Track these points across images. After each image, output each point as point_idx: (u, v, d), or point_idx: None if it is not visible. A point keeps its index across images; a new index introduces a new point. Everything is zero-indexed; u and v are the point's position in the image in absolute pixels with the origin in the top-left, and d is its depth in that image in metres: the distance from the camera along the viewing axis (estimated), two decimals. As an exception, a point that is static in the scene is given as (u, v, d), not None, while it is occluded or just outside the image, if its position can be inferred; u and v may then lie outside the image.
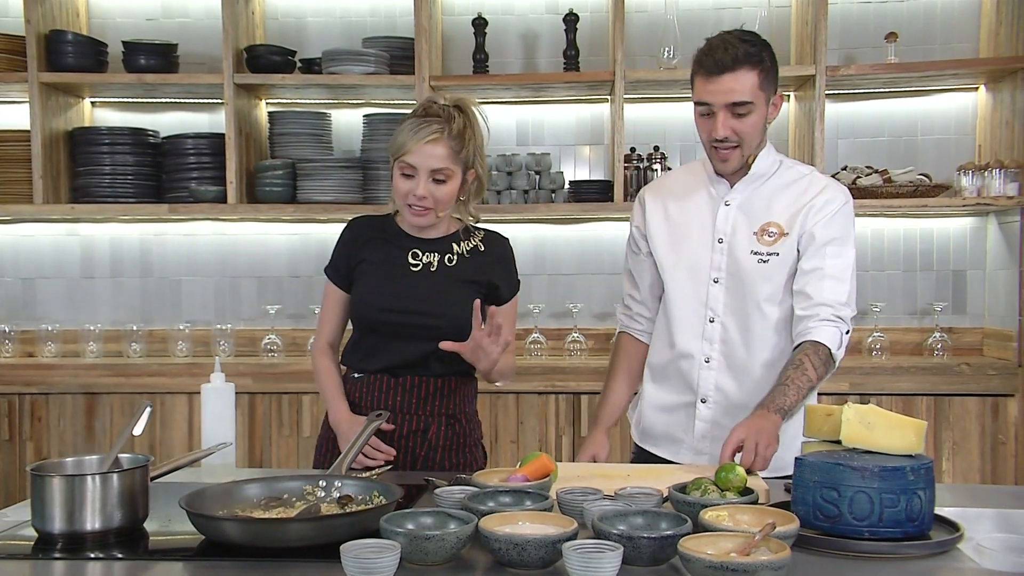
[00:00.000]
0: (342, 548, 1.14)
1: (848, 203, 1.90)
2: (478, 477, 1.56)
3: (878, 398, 3.14)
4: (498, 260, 1.99)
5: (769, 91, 1.84)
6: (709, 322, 1.91)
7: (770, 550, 1.14)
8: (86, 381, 3.30)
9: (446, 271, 1.94)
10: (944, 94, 3.46)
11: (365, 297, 1.93)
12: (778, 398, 1.72)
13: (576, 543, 1.16)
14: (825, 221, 1.85)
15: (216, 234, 3.66)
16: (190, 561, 1.31)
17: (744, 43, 1.80)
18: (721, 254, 1.91)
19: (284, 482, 1.53)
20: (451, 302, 1.90)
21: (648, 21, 3.51)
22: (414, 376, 1.92)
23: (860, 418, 1.32)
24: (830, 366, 1.80)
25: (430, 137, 1.83)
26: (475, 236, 2.00)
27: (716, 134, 1.82)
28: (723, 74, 1.78)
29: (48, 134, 3.36)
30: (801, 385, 1.74)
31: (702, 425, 1.93)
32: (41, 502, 1.33)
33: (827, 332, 1.79)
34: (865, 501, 1.24)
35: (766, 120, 1.87)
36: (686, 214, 1.97)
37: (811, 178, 1.93)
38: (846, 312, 1.83)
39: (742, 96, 1.79)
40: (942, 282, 3.51)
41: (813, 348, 1.77)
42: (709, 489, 1.41)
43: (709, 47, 1.82)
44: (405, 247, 1.95)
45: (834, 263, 1.84)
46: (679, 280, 1.95)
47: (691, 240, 1.94)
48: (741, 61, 1.78)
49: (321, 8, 3.62)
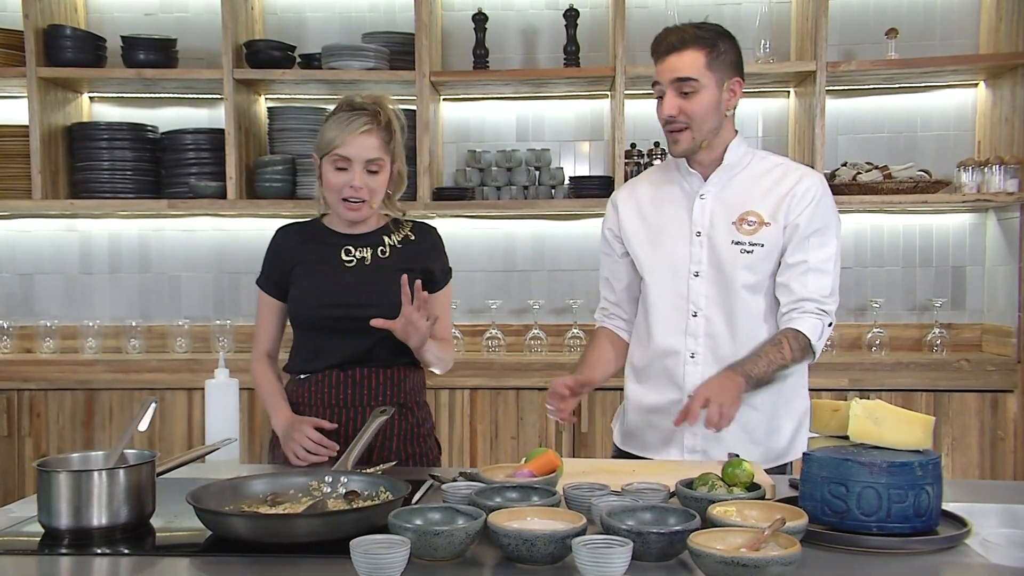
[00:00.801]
0: (352, 544, 1.14)
1: (826, 191, 1.91)
2: (484, 473, 1.56)
3: (878, 394, 3.14)
4: (430, 248, 2.05)
5: (720, 73, 1.85)
6: (692, 316, 1.91)
7: (780, 545, 1.14)
8: (85, 377, 3.29)
9: (380, 263, 1.97)
10: (944, 90, 3.46)
11: (304, 298, 1.95)
12: (748, 364, 1.77)
13: (585, 538, 1.16)
14: (808, 211, 1.87)
15: (215, 230, 3.65)
16: (197, 557, 1.31)
17: (696, 28, 1.86)
18: (700, 247, 1.91)
19: (290, 477, 1.53)
20: (389, 291, 1.92)
21: (648, 17, 3.50)
22: (363, 368, 1.94)
23: (868, 414, 1.32)
24: (807, 355, 1.85)
25: (363, 128, 1.87)
26: (404, 227, 2.04)
27: (664, 113, 1.86)
28: (670, 54, 1.84)
29: (47, 129, 3.34)
30: (773, 359, 1.79)
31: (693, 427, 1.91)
32: (47, 498, 1.32)
33: (809, 323, 1.83)
34: (873, 496, 1.24)
35: (722, 105, 1.87)
36: (661, 211, 1.97)
37: (785, 167, 1.94)
38: (830, 305, 1.86)
39: (686, 72, 1.82)
40: (941, 278, 3.52)
41: (793, 334, 1.82)
42: (716, 485, 1.41)
43: (663, 32, 1.89)
44: (337, 244, 1.98)
45: (817, 255, 1.86)
46: (659, 276, 1.95)
47: (668, 235, 1.94)
48: (688, 42, 1.83)
49: (320, 3, 3.61)
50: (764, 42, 3.32)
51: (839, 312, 3.38)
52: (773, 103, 3.57)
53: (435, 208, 3.35)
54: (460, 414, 3.24)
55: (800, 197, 1.87)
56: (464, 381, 3.18)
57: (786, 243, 1.87)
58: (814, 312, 1.84)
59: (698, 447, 1.91)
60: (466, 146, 3.59)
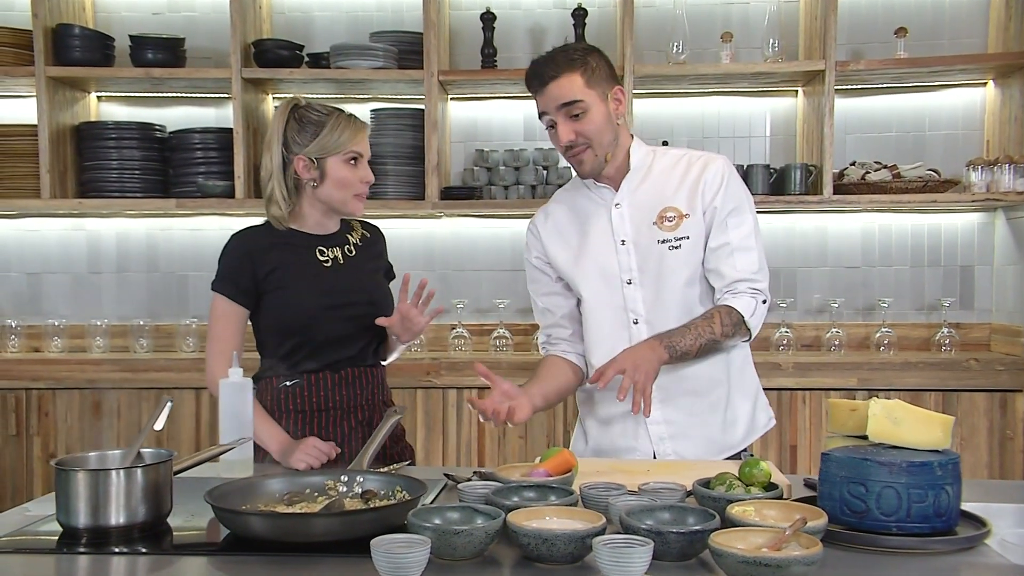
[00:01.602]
0: (372, 543, 1.14)
1: (732, 171, 1.94)
2: (500, 472, 1.56)
3: (886, 393, 3.14)
4: (383, 246, 2.13)
5: (601, 87, 1.87)
6: (633, 324, 1.92)
7: (801, 545, 1.14)
8: (93, 376, 3.29)
9: (353, 261, 2.01)
10: (952, 89, 3.46)
11: (299, 299, 1.92)
12: (675, 336, 1.81)
13: (606, 538, 1.15)
14: (721, 194, 1.89)
15: (222, 229, 3.64)
16: (215, 556, 1.31)
17: (563, 52, 1.89)
18: (628, 254, 1.92)
19: (306, 477, 1.53)
20: (372, 287, 2.01)
21: (655, 16, 3.50)
22: (355, 368, 1.96)
23: (887, 413, 1.32)
24: (740, 331, 1.87)
25: (364, 127, 1.98)
26: (356, 227, 2.09)
27: (562, 141, 1.87)
28: (548, 84, 1.85)
29: (55, 129, 3.34)
30: (702, 333, 1.82)
31: (656, 428, 1.92)
32: (66, 496, 1.32)
33: (742, 300, 1.86)
34: (893, 496, 1.24)
35: (612, 116, 1.89)
36: (582, 229, 1.98)
37: (688, 157, 1.96)
38: (761, 282, 1.89)
39: (570, 96, 1.84)
40: (950, 278, 3.52)
41: (727, 310, 1.86)
42: (734, 484, 1.41)
43: (533, 65, 1.90)
44: (310, 246, 1.98)
45: (737, 233, 1.89)
46: (594, 289, 1.95)
47: (593, 249, 1.95)
48: (562, 67, 1.85)
49: (328, 3, 3.61)
50: (772, 41, 3.32)
51: (847, 311, 3.49)
52: (781, 102, 3.56)
53: (443, 207, 3.35)
54: (468, 413, 3.23)
55: (710, 182, 1.90)
56: (473, 380, 3.17)
57: (708, 229, 1.90)
58: (747, 291, 1.87)
59: (669, 451, 1.91)
60: (473, 145, 3.58)
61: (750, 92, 3.54)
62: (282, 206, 1.96)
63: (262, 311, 1.96)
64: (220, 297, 1.94)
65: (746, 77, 3.34)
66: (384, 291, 2.05)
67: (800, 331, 3.48)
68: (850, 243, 3.54)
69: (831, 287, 3.54)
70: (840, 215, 3.51)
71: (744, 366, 2.00)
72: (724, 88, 3.49)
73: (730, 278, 1.88)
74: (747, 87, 3.49)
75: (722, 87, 3.48)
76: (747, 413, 1.97)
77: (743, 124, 3.57)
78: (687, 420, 1.92)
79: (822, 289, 3.55)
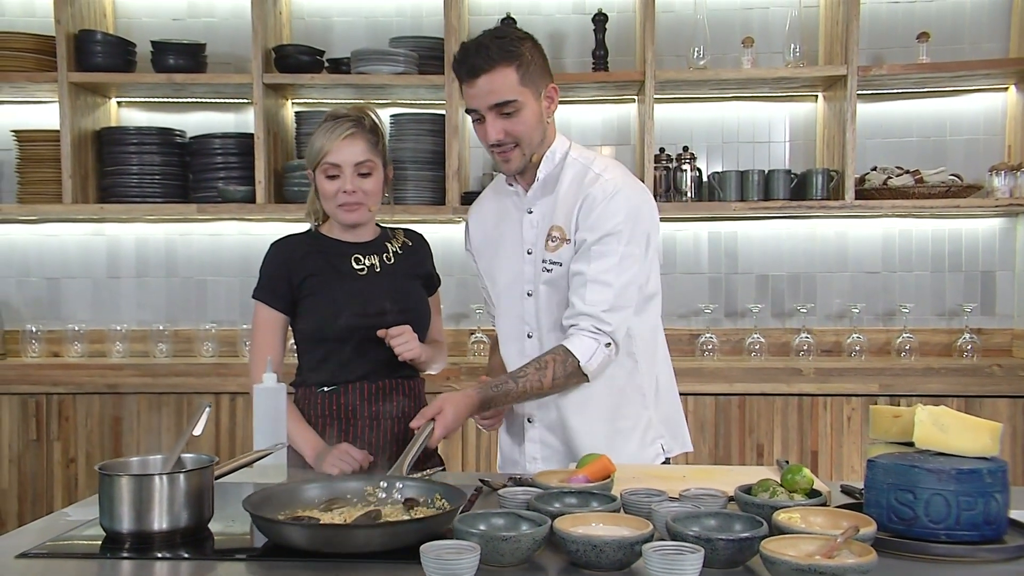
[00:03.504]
0: (422, 549, 1.13)
1: (620, 191, 1.76)
2: (538, 478, 1.55)
3: (908, 399, 3.13)
4: (427, 254, 2.09)
5: (535, 86, 1.75)
6: (528, 337, 1.88)
7: (853, 552, 1.13)
8: (113, 381, 3.29)
9: (390, 269, 1.99)
10: (973, 94, 3.45)
11: (330, 309, 1.92)
12: (500, 394, 1.72)
13: (656, 544, 1.15)
14: (595, 215, 1.75)
15: (241, 234, 3.66)
16: (256, 561, 1.31)
17: (497, 40, 1.73)
18: (531, 265, 1.85)
19: (344, 483, 1.52)
20: (409, 297, 1.98)
21: (675, 21, 3.50)
22: (391, 379, 1.95)
23: (934, 420, 1.31)
24: (575, 377, 1.75)
25: (346, 133, 1.89)
26: (398, 234, 2.06)
27: (489, 139, 1.75)
28: (479, 77, 1.71)
29: (77, 134, 3.35)
30: (529, 386, 1.73)
31: (531, 446, 1.90)
32: (110, 501, 1.32)
33: (582, 343, 1.74)
34: (942, 504, 1.23)
35: (543, 115, 1.78)
36: (500, 229, 1.93)
37: (589, 169, 1.81)
38: (608, 323, 1.73)
39: (503, 96, 1.71)
40: (971, 283, 3.50)
41: (564, 356, 1.73)
42: (777, 491, 1.40)
43: (463, 51, 1.76)
44: (345, 254, 1.97)
45: (599, 265, 1.74)
46: (502, 296, 1.93)
47: (506, 254, 1.90)
48: (495, 60, 1.70)
49: (347, 8, 3.61)
50: (794, 46, 3.31)
51: (867, 317, 3.47)
52: (800, 107, 3.56)
53: (463, 213, 3.34)
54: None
55: (589, 201, 1.76)
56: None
57: (575, 253, 1.78)
58: (589, 331, 1.74)
59: (536, 454, 1.90)
60: (492, 150, 3.58)
61: (769, 97, 3.53)
62: (310, 215, 2.01)
63: (298, 317, 1.97)
64: (260, 304, 1.97)
65: (767, 82, 3.34)
66: (419, 300, 2.02)
67: (820, 337, 3.47)
68: (870, 248, 3.53)
69: (851, 293, 3.53)
70: (860, 220, 3.50)
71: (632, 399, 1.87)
72: (744, 93, 3.49)
73: (576, 310, 1.75)
74: (767, 92, 3.48)
75: (742, 92, 3.48)
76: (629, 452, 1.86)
77: (762, 129, 3.57)
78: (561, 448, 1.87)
79: (842, 294, 3.54)
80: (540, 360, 1.75)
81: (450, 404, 1.68)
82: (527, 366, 1.76)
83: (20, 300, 3.66)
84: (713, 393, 3.16)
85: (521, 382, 1.74)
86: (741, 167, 3.49)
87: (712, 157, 3.56)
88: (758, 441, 3.19)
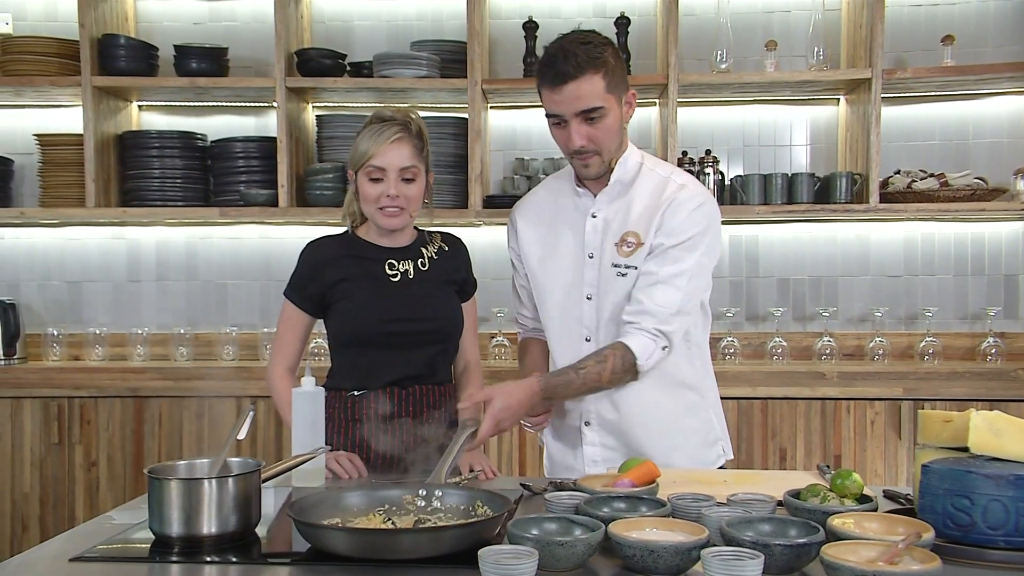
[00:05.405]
0: (480, 553, 1.12)
1: (704, 204, 1.80)
2: (582, 483, 1.54)
3: (932, 403, 3.11)
4: (463, 259, 2.06)
5: (618, 92, 1.76)
6: (585, 341, 1.86)
7: (914, 559, 1.12)
8: (134, 384, 3.29)
9: (424, 275, 1.97)
10: (997, 97, 3.44)
11: (360, 313, 1.91)
12: (562, 384, 1.73)
13: (715, 550, 1.14)
14: (678, 221, 1.77)
15: (262, 237, 3.66)
16: (303, 565, 1.30)
17: (584, 46, 1.73)
18: (593, 269, 1.84)
19: (384, 490, 1.51)
20: (441, 305, 1.96)
21: (696, 24, 3.50)
22: (422, 386, 1.94)
23: (988, 425, 1.30)
24: (629, 375, 1.76)
25: (394, 137, 1.88)
26: (435, 239, 2.04)
27: (572, 145, 1.76)
28: (567, 83, 1.71)
29: (99, 138, 3.35)
30: (588, 379, 1.73)
31: (590, 449, 1.88)
32: (159, 505, 1.32)
33: (642, 343, 1.74)
34: (1000, 510, 1.22)
35: (622, 122, 1.80)
36: (556, 231, 1.90)
37: (669, 179, 1.84)
38: (671, 325, 1.75)
39: (590, 103, 1.72)
40: (994, 287, 3.49)
41: (623, 351, 1.74)
42: (828, 496, 1.39)
43: (549, 57, 1.75)
44: (379, 258, 1.96)
45: (673, 268, 1.76)
46: (555, 299, 1.90)
47: (563, 257, 1.88)
48: (583, 66, 1.70)
49: (368, 12, 3.62)
50: (817, 49, 3.30)
51: (889, 320, 3.46)
52: (822, 111, 3.55)
53: (485, 216, 3.35)
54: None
55: (675, 206, 1.78)
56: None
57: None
58: (651, 331, 1.74)
59: (596, 457, 1.88)
60: (513, 154, 3.58)
61: (791, 100, 3.52)
62: (347, 217, 1.99)
63: (329, 320, 1.96)
64: (287, 302, 1.98)
65: (790, 85, 3.33)
66: (451, 308, 1.99)
67: (842, 340, 3.46)
68: (892, 252, 3.52)
69: (873, 296, 3.52)
70: (882, 224, 3.49)
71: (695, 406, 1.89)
72: (766, 96, 3.48)
73: (643, 307, 1.75)
74: (789, 95, 3.48)
75: (764, 95, 3.47)
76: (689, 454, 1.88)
77: (784, 133, 3.56)
78: (623, 449, 1.86)
79: (864, 298, 3.53)
80: (600, 354, 1.75)
81: (501, 394, 1.64)
82: (587, 359, 1.76)
83: (42, 304, 3.66)
84: (735, 397, 3.14)
85: (582, 374, 1.73)
86: (762, 170, 3.48)
87: (732, 160, 3.55)
88: (781, 445, 3.18)
